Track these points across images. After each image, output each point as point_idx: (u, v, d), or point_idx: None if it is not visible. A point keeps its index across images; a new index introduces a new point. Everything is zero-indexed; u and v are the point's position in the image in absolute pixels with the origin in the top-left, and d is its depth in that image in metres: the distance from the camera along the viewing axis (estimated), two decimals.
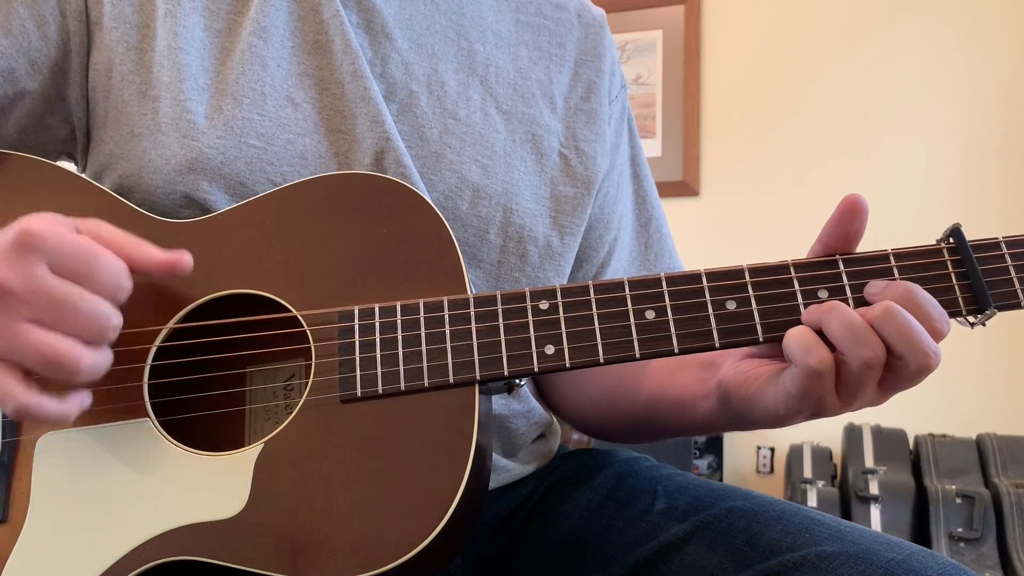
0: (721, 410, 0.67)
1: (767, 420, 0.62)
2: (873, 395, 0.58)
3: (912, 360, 0.55)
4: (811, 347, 0.55)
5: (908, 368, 0.55)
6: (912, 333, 0.54)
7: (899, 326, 0.55)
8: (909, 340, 0.54)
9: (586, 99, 0.84)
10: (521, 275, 0.77)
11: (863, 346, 0.54)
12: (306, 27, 0.74)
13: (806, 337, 0.56)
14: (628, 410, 0.79)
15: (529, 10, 0.85)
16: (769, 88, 2.61)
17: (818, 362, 0.55)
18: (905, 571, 0.57)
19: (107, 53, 0.70)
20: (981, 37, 2.42)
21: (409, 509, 0.56)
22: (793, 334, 0.56)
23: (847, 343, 0.55)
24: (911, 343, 0.54)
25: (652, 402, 0.76)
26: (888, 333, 0.55)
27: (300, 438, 0.59)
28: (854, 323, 0.55)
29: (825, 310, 0.57)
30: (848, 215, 0.58)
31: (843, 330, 0.55)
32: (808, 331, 0.56)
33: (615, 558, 0.71)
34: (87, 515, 0.59)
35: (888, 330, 0.55)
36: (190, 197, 0.67)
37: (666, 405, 0.74)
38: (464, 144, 0.75)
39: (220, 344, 0.63)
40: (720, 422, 0.69)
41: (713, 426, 0.71)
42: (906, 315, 0.55)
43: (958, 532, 2.04)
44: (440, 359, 0.59)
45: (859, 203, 0.58)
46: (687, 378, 0.72)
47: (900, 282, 0.57)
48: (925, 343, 0.55)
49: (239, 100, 0.69)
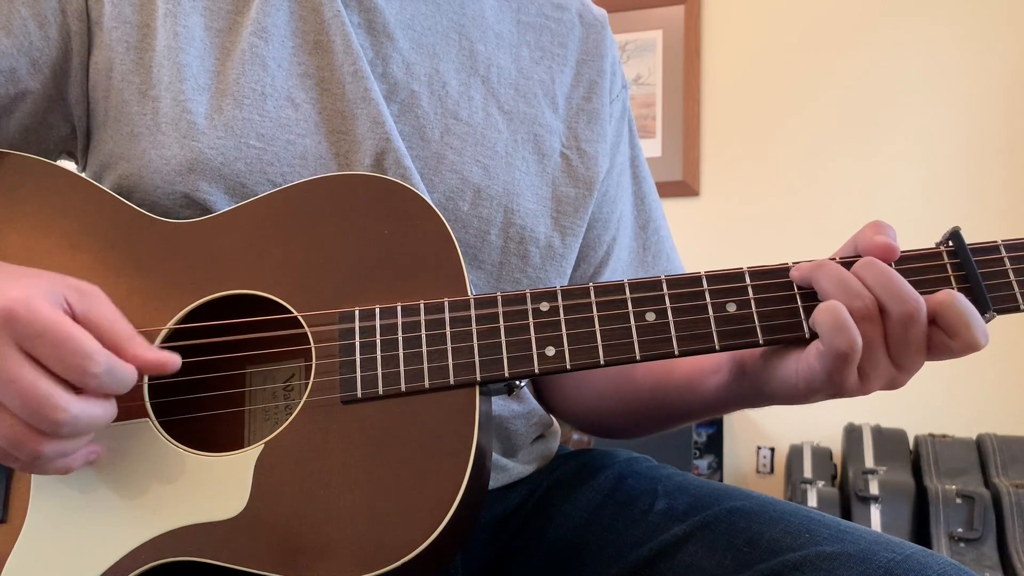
0: (732, 383, 0.67)
1: (784, 394, 0.62)
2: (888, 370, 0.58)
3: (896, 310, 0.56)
4: (841, 328, 0.55)
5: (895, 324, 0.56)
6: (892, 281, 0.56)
7: (878, 274, 0.56)
8: (891, 289, 0.56)
9: (588, 99, 0.84)
10: (522, 276, 0.77)
11: (853, 297, 0.56)
12: (307, 27, 0.73)
13: (838, 317, 0.56)
14: (633, 396, 0.79)
15: (531, 10, 0.85)
16: (769, 88, 2.61)
17: (847, 344, 0.55)
18: (905, 571, 0.57)
19: (107, 53, 0.70)
20: (981, 38, 2.42)
21: (410, 510, 0.56)
22: (825, 310, 0.56)
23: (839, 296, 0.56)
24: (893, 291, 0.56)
25: (658, 385, 0.76)
26: (871, 283, 0.56)
27: (300, 439, 0.59)
28: (843, 276, 0.57)
29: (814, 267, 0.58)
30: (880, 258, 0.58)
31: (833, 284, 0.57)
32: (839, 308, 0.56)
33: (615, 558, 0.71)
34: (87, 515, 0.59)
35: (870, 279, 0.56)
36: (190, 197, 0.67)
37: (671, 386, 0.75)
38: (466, 145, 0.75)
39: (220, 344, 0.63)
40: (730, 397, 0.69)
41: (721, 402, 0.71)
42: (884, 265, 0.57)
43: (958, 532, 2.04)
44: (441, 360, 0.59)
45: (893, 255, 0.59)
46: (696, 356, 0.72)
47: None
48: (906, 290, 0.56)
49: (239, 100, 0.69)
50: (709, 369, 0.70)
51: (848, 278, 0.57)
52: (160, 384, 0.62)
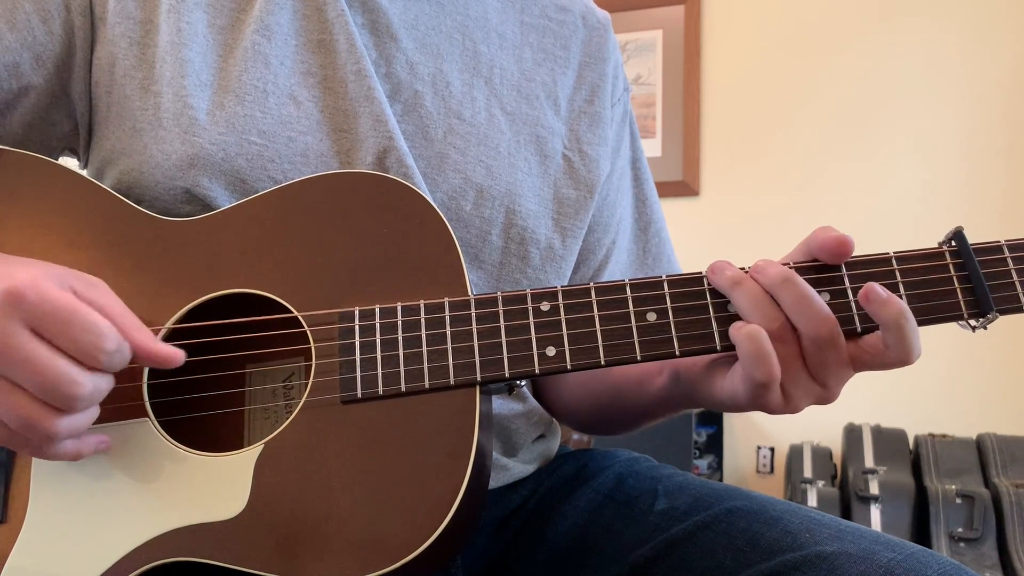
0: (671, 387, 0.69)
1: (713, 404, 0.64)
2: (811, 387, 0.58)
3: (809, 332, 0.56)
4: (760, 359, 0.56)
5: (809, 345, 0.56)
6: (808, 301, 0.56)
7: (795, 296, 0.56)
8: (805, 310, 0.56)
9: (590, 102, 0.84)
10: (522, 276, 0.77)
11: (767, 319, 0.56)
12: (310, 26, 0.73)
13: (758, 347, 0.56)
14: (600, 393, 0.81)
15: (534, 12, 0.85)
16: (769, 88, 2.61)
17: (765, 376, 0.56)
18: (905, 571, 0.57)
19: (110, 48, 0.70)
20: (982, 38, 2.42)
21: (410, 510, 0.56)
22: (745, 337, 0.56)
23: (753, 316, 0.56)
24: (806, 312, 0.56)
25: (617, 383, 0.78)
26: (786, 303, 0.56)
27: (300, 439, 0.59)
28: (758, 296, 0.57)
29: (732, 282, 0.58)
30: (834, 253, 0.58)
31: (748, 303, 0.57)
32: (758, 337, 0.56)
33: (615, 558, 0.71)
34: (86, 516, 0.59)
35: (786, 299, 0.56)
36: (191, 193, 0.67)
37: (628, 385, 0.76)
38: (469, 144, 0.75)
39: (220, 344, 0.63)
40: (671, 399, 0.71)
41: (664, 403, 0.72)
42: (803, 285, 0.56)
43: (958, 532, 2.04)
44: (441, 360, 0.59)
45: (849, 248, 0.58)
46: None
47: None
48: (820, 310, 0.56)
49: (241, 97, 0.69)
50: (654, 371, 0.71)
51: (763, 299, 0.57)
52: (160, 384, 0.62)
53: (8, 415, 0.52)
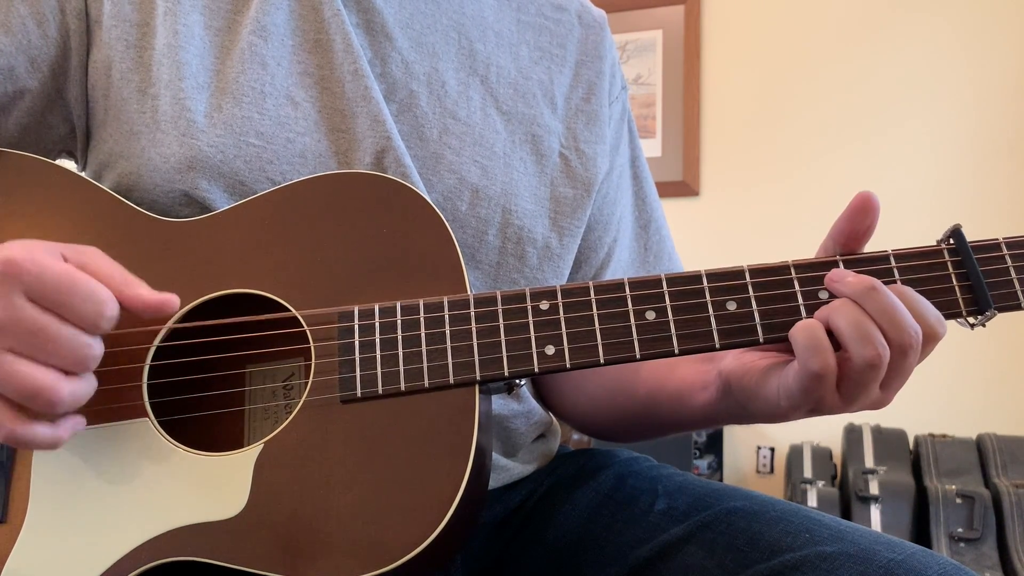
0: (720, 401, 0.67)
1: (767, 412, 0.62)
2: (877, 396, 0.58)
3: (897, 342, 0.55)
4: (816, 349, 0.55)
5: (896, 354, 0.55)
6: (896, 312, 0.55)
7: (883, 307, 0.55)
8: (894, 321, 0.55)
9: (587, 100, 0.84)
10: (519, 276, 0.77)
11: (867, 345, 0.55)
12: (306, 26, 0.73)
13: (813, 337, 0.56)
14: (626, 405, 0.80)
15: (530, 10, 0.85)
16: (769, 88, 2.61)
17: (820, 366, 0.55)
18: (905, 571, 0.57)
19: (106, 51, 0.70)
20: (983, 36, 2.42)
21: (409, 509, 0.56)
22: (801, 329, 0.56)
23: (852, 342, 0.55)
24: (895, 323, 0.55)
25: (651, 396, 0.76)
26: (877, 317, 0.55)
27: (300, 438, 0.59)
28: (860, 321, 0.55)
29: (834, 308, 0.57)
30: (860, 213, 0.58)
31: (850, 328, 0.55)
32: (816, 329, 0.56)
33: (615, 558, 0.71)
34: (86, 516, 0.59)
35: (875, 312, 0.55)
36: (189, 195, 0.67)
37: (664, 398, 0.75)
38: (464, 144, 0.75)
39: (219, 344, 0.63)
40: (718, 414, 0.69)
41: (710, 418, 0.71)
42: (889, 296, 0.55)
43: (958, 532, 2.04)
44: (440, 359, 0.59)
45: (871, 201, 0.58)
46: (686, 370, 0.72)
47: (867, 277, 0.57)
48: (907, 321, 0.55)
49: (239, 99, 0.69)
50: (699, 385, 0.70)
51: (864, 324, 0.55)
52: (159, 384, 0.62)
53: (9, 385, 0.51)
